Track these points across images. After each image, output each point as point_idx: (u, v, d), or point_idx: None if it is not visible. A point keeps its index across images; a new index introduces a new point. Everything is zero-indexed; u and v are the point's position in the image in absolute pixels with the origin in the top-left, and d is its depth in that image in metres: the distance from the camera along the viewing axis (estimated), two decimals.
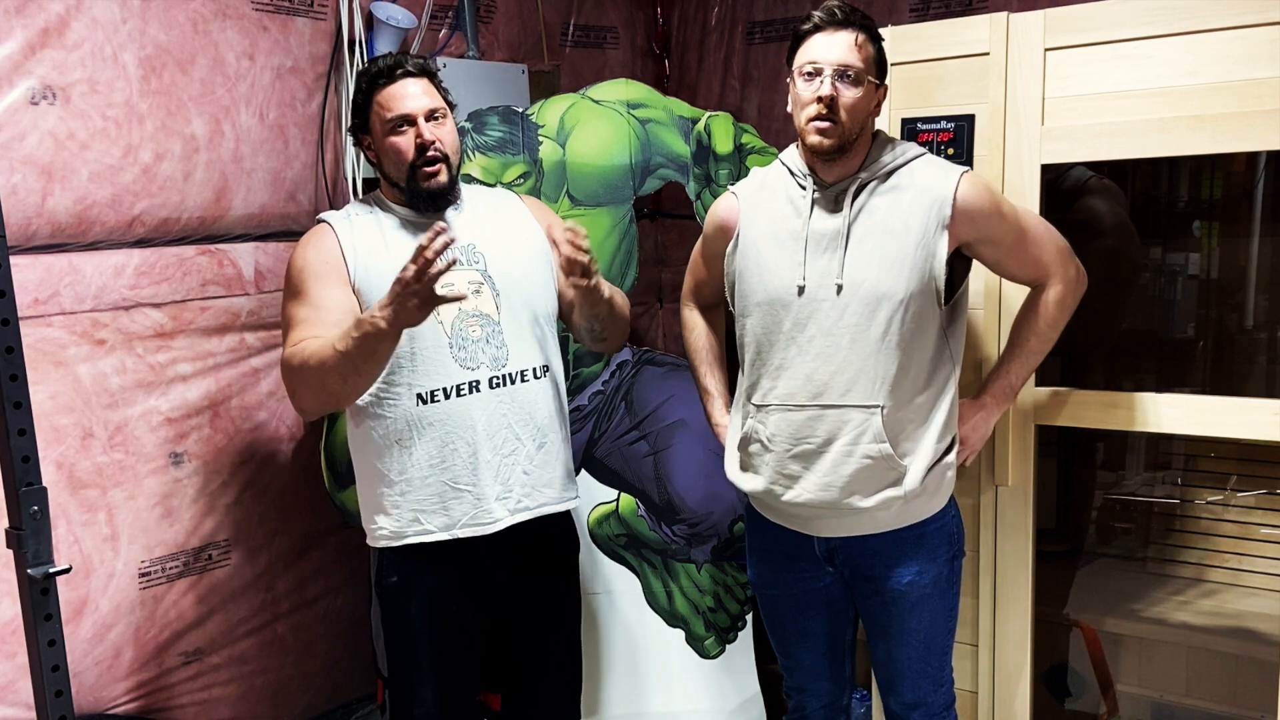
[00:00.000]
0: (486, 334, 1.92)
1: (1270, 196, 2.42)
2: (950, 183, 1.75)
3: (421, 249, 1.63)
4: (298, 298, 1.88)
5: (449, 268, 1.66)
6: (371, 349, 1.72)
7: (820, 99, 1.71)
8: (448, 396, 1.89)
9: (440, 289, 1.67)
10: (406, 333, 1.83)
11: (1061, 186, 2.28)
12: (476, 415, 1.90)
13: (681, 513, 2.53)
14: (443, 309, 1.82)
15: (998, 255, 1.82)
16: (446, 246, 1.64)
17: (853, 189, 1.78)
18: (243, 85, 2.43)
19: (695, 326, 2.12)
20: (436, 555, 1.92)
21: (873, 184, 1.78)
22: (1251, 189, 2.47)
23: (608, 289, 1.94)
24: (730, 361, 2.06)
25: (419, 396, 1.88)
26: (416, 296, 1.65)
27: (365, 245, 1.90)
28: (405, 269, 1.65)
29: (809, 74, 1.74)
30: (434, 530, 1.91)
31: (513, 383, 1.94)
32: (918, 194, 1.76)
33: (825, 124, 1.73)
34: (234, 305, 2.46)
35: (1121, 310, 2.56)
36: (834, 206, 1.79)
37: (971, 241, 1.79)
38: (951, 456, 1.83)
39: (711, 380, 2.09)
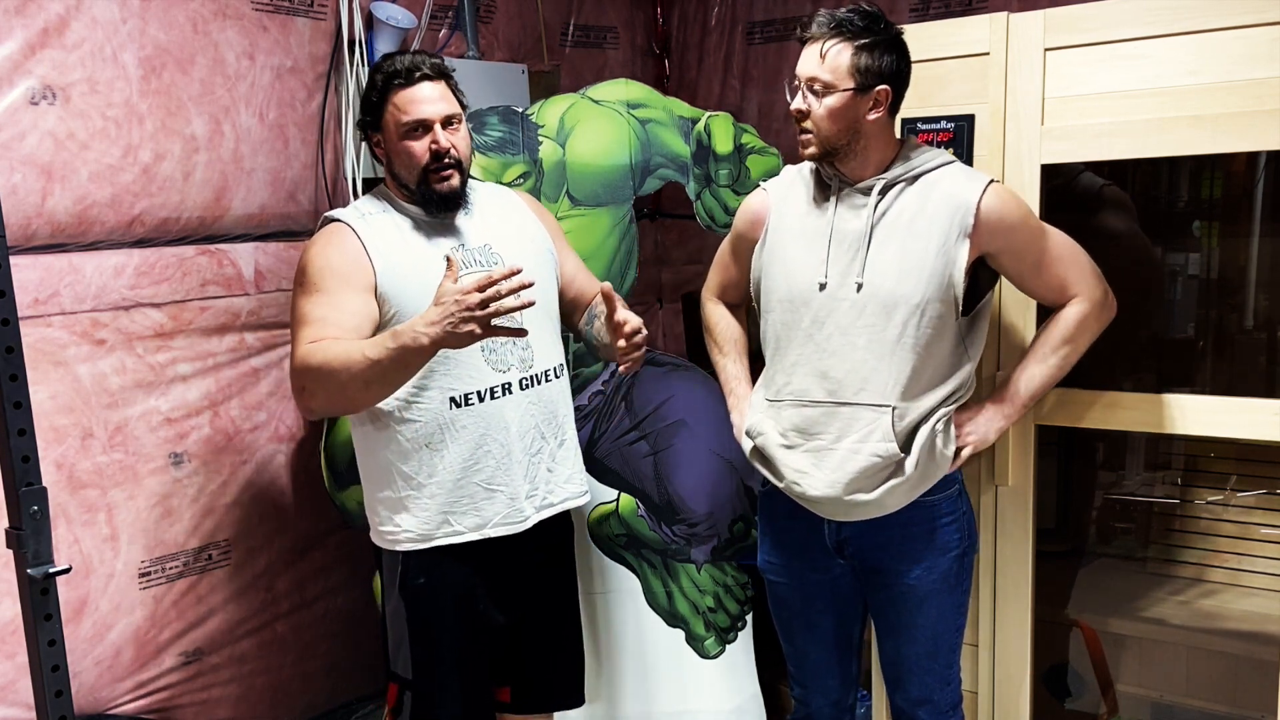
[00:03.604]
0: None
1: (1270, 196, 2.41)
2: (975, 191, 1.74)
3: (491, 280, 1.61)
4: (316, 294, 1.83)
5: (523, 306, 1.65)
6: (406, 363, 1.70)
7: (795, 112, 1.78)
8: (481, 399, 1.89)
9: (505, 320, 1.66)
10: None
11: (1074, 191, 2.27)
12: (510, 417, 1.91)
13: (681, 513, 2.53)
14: None
15: (1021, 269, 1.81)
16: (522, 288, 1.63)
17: (878, 189, 1.78)
18: (243, 85, 2.43)
19: (722, 318, 2.11)
20: (463, 555, 1.93)
21: (899, 186, 1.79)
22: (1251, 189, 2.46)
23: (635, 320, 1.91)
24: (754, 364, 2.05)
25: (452, 400, 1.87)
26: (475, 324, 1.62)
27: (387, 246, 1.88)
28: (468, 293, 1.62)
29: (794, 87, 1.79)
30: (465, 531, 1.91)
31: (539, 383, 1.96)
32: (942, 200, 1.76)
33: (803, 135, 1.79)
34: (234, 305, 2.46)
35: (1141, 326, 2.54)
36: (859, 206, 1.80)
37: (994, 253, 1.78)
38: (941, 425, 1.80)
39: (738, 368, 2.06)
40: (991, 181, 1.77)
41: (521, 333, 1.74)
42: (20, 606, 1.56)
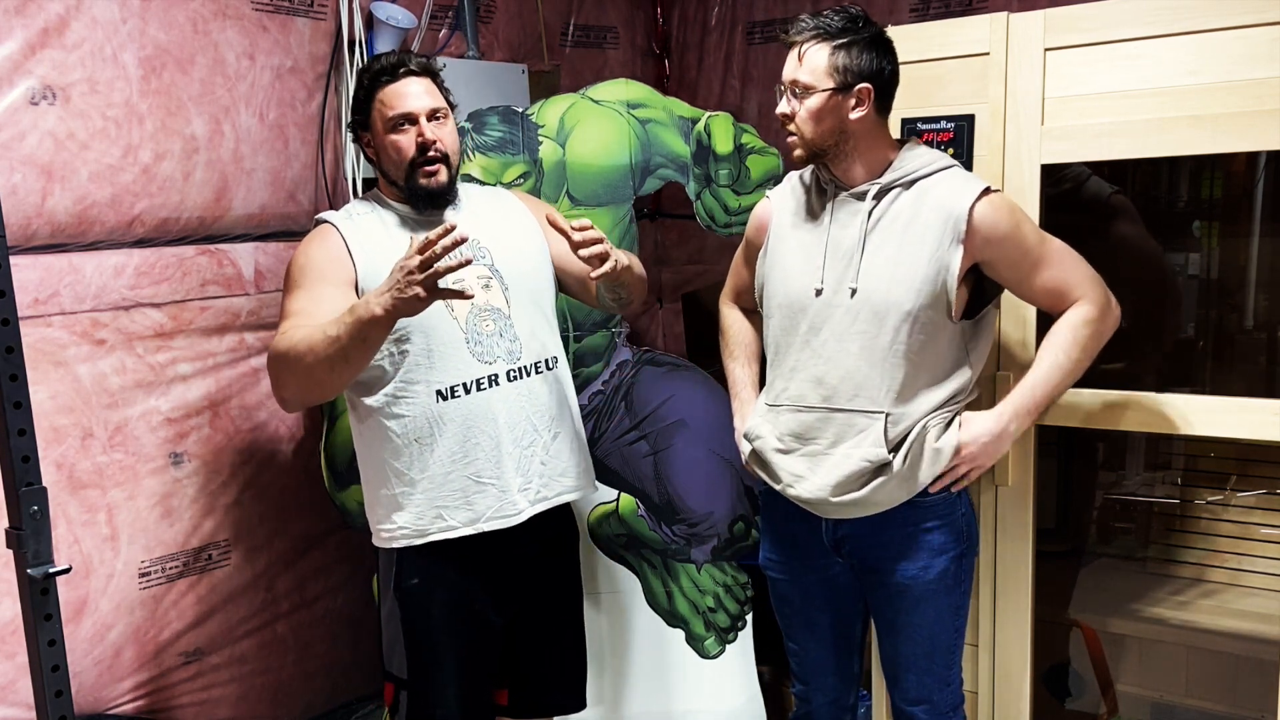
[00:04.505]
0: (499, 328, 1.93)
1: (1270, 196, 2.41)
2: (968, 200, 1.73)
3: (429, 241, 1.63)
4: (296, 291, 1.88)
5: (460, 266, 1.65)
6: (365, 335, 1.71)
7: (780, 116, 1.79)
8: (468, 391, 1.89)
9: (452, 283, 1.67)
10: (422, 330, 1.85)
11: (1081, 198, 2.26)
12: (498, 409, 1.92)
13: (681, 513, 2.53)
14: (456, 303, 1.84)
15: (1017, 277, 1.80)
16: (456, 245, 1.64)
17: (873, 194, 1.78)
18: (243, 85, 2.43)
19: (736, 321, 2.11)
20: (457, 552, 1.93)
21: (895, 190, 1.78)
22: (1251, 189, 2.46)
23: (624, 257, 1.90)
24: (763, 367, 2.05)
25: (438, 393, 1.88)
26: (420, 287, 1.64)
27: (370, 243, 1.91)
28: (409, 257, 1.65)
29: (780, 92, 1.80)
30: (458, 525, 1.91)
31: (528, 375, 1.96)
32: (936, 206, 1.75)
33: (789, 139, 1.80)
34: (234, 305, 2.46)
35: (1154, 330, 2.52)
36: (855, 211, 1.80)
37: (989, 261, 1.77)
38: (934, 421, 1.79)
39: (746, 373, 2.06)
40: (987, 189, 1.76)
41: (467, 296, 1.73)
42: (20, 606, 1.56)
